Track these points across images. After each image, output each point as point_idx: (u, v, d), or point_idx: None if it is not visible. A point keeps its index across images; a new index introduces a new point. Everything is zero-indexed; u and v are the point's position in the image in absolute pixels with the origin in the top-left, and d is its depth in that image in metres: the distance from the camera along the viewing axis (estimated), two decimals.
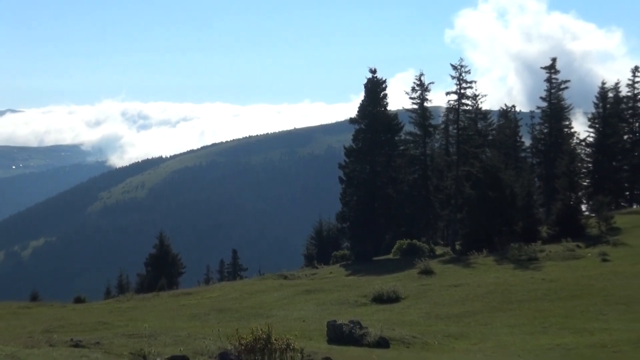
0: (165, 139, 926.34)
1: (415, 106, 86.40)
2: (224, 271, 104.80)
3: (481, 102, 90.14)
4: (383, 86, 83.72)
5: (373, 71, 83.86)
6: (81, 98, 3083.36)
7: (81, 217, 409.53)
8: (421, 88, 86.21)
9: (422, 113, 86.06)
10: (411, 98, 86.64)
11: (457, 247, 75.64)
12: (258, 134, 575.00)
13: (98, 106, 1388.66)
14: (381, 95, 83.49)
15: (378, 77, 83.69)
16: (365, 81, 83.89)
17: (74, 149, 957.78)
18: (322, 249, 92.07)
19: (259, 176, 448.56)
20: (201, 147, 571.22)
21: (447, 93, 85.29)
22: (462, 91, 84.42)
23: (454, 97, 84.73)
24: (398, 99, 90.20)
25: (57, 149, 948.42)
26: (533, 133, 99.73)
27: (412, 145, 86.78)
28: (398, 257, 72.90)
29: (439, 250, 78.78)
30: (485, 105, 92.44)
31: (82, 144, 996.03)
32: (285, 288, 56.47)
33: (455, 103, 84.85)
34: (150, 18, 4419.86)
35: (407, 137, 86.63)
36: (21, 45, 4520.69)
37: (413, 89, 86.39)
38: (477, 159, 77.61)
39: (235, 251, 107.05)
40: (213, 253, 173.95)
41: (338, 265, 76.94)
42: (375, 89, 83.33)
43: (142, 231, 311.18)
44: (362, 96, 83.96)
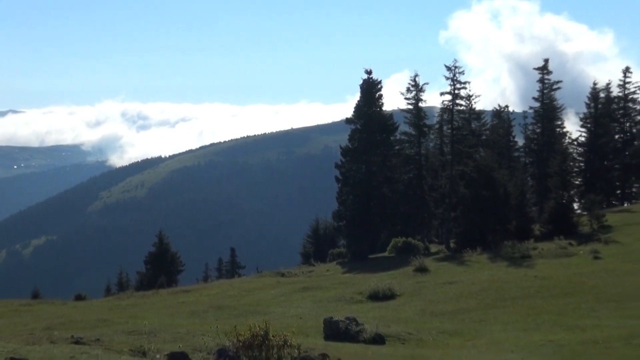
0: (164, 139, 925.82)
1: (410, 106, 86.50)
2: (222, 269, 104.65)
3: (475, 103, 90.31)
4: (378, 87, 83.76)
5: (368, 72, 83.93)
6: (81, 99, 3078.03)
7: (81, 216, 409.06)
8: (416, 89, 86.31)
9: (417, 113, 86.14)
10: (406, 98, 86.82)
11: (452, 245, 75.63)
12: (256, 134, 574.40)
13: (98, 107, 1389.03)
14: (376, 95, 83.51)
15: (373, 78, 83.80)
16: (361, 82, 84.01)
17: (75, 149, 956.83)
18: (319, 247, 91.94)
19: (257, 175, 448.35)
20: (200, 147, 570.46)
21: (442, 93, 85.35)
22: (456, 92, 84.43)
23: (448, 98, 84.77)
24: (393, 100, 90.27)
25: (58, 149, 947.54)
26: (526, 133, 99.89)
27: (407, 145, 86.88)
28: (393, 255, 72.89)
29: (434, 248, 78.81)
30: (479, 105, 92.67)
31: (83, 144, 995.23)
32: (282, 285, 56.46)
33: (449, 103, 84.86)
34: (149, 20, 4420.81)
35: (402, 137, 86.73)
36: (22, 46, 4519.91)
37: (408, 90, 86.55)
38: (471, 159, 77.62)
39: (233, 249, 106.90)
40: (211, 251, 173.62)
41: (334, 263, 76.89)
42: (370, 90, 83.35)
43: (142, 230, 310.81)
44: (358, 97, 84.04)
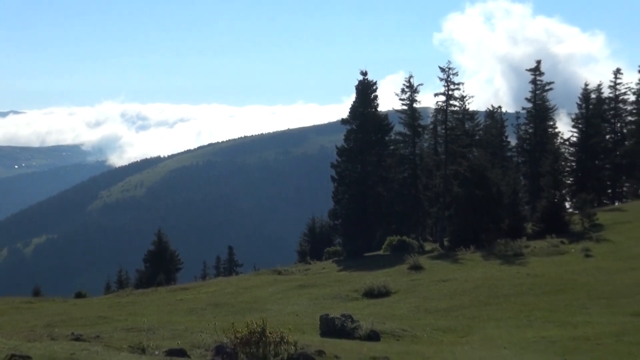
0: (163, 139, 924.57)
1: (404, 107, 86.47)
2: (220, 267, 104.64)
3: (468, 103, 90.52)
4: (373, 88, 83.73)
5: (364, 73, 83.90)
6: (81, 99, 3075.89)
7: (82, 215, 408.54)
8: (410, 90, 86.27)
9: (412, 114, 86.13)
10: (401, 99, 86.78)
11: (446, 244, 75.71)
12: (253, 134, 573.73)
13: (98, 107, 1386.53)
14: (372, 96, 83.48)
15: (369, 79, 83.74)
16: (356, 83, 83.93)
17: (75, 149, 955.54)
18: (315, 246, 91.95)
19: (254, 175, 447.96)
20: (198, 147, 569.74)
21: (436, 94, 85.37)
22: (450, 92, 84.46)
23: (442, 99, 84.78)
24: (388, 100, 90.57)
25: (58, 149, 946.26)
26: (518, 133, 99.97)
27: (402, 145, 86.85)
28: (388, 253, 72.87)
29: (428, 246, 78.81)
30: (472, 106, 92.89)
31: (83, 144, 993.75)
32: (279, 283, 56.46)
33: (443, 104, 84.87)
34: (149, 22, 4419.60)
35: (397, 137, 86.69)
36: (23, 48, 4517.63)
37: (403, 91, 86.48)
38: (465, 158, 77.69)
39: (231, 248, 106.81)
40: (209, 249, 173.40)
41: (330, 261, 76.91)
42: (366, 91, 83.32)
43: (141, 229, 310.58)
44: (354, 98, 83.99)
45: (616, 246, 56.20)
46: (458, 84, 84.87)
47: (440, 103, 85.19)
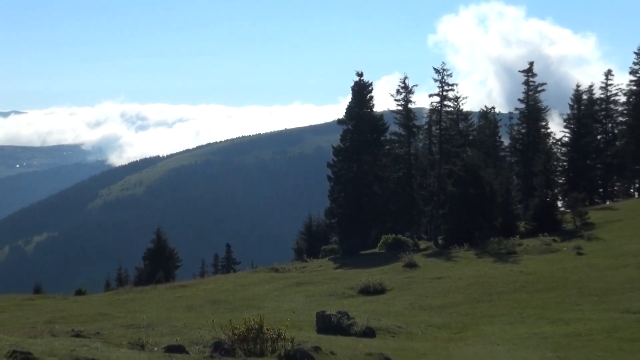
0: (162, 139, 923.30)
1: (399, 108, 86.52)
2: (218, 265, 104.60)
3: (462, 104, 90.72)
4: (369, 89, 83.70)
5: (360, 74, 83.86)
6: (82, 100, 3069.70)
7: (82, 214, 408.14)
8: (405, 90, 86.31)
9: (407, 114, 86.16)
10: (396, 100, 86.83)
11: (440, 242, 75.72)
12: (251, 134, 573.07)
13: (98, 108, 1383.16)
14: (367, 97, 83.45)
15: (364, 80, 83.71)
16: (352, 84, 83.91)
17: (75, 149, 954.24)
18: (312, 244, 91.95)
19: (252, 174, 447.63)
20: (196, 147, 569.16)
21: (430, 95, 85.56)
22: (445, 93, 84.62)
23: (437, 99, 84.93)
24: (383, 101, 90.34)
25: (59, 149, 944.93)
26: (511, 133, 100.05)
27: (397, 144, 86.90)
28: (384, 251, 72.82)
29: (423, 244, 78.83)
30: (466, 106, 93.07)
31: (83, 144, 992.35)
32: (276, 281, 56.39)
33: (437, 105, 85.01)
34: (148, 23, 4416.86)
35: (392, 137, 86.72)
36: (24, 49, 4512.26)
37: (398, 92, 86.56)
38: (459, 158, 77.77)
39: (229, 245, 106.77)
40: (208, 247, 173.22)
41: (327, 259, 76.86)
42: (361, 92, 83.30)
43: (140, 227, 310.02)
44: (350, 98, 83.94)
45: (607, 244, 56.22)
46: (452, 85, 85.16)
47: (434, 104, 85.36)
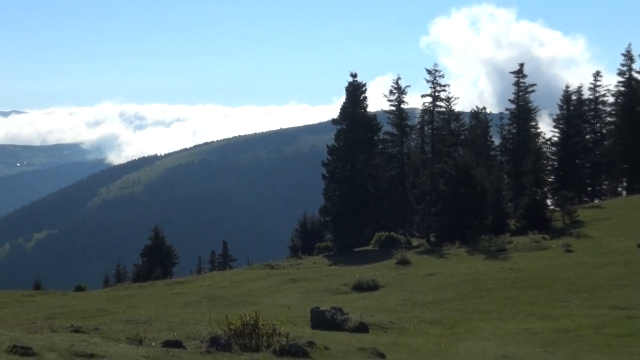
0: (160, 138, 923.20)
1: (393, 108, 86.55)
2: (215, 261, 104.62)
3: (454, 104, 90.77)
4: (363, 89, 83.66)
5: (354, 75, 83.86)
6: (81, 100, 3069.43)
7: (81, 212, 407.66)
8: (398, 91, 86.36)
9: (400, 114, 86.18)
10: (389, 100, 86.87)
11: (432, 239, 75.71)
12: (247, 134, 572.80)
13: (97, 107, 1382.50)
14: (361, 97, 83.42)
15: (358, 81, 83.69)
16: (346, 84, 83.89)
17: (75, 148, 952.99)
18: (306, 241, 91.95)
19: (248, 173, 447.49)
20: (194, 146, 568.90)
21: (423, 96, 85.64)
22: (437, 94, 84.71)
23: (429, 100, 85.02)
24: (377, 101, 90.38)
25: (59, 148, 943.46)
26: (502, 133, 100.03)
27: (390, 144, 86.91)
28: (377, 249, 72.84)
29: (415, 242, 78.81)
30: (458, 107, 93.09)
31: (82, 143, 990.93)
32: (271, 277, 56.36)
33: (430, 105, 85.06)
34: (147, 25, 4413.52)
35: (386, 137, 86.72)
36: (25, 50, 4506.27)
37: (391, 92, 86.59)
38: (451, 157, 77.78)
39: (225, 243, 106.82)
40: (204, 245, 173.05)
41: (321, 256, 76.82)
42: (355, 92, 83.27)
43: (139, 224, 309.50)
44: (344, 98, 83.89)
45: (595, 242, 56.25)
46: (444, 86, 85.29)
47: (427, 104, 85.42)
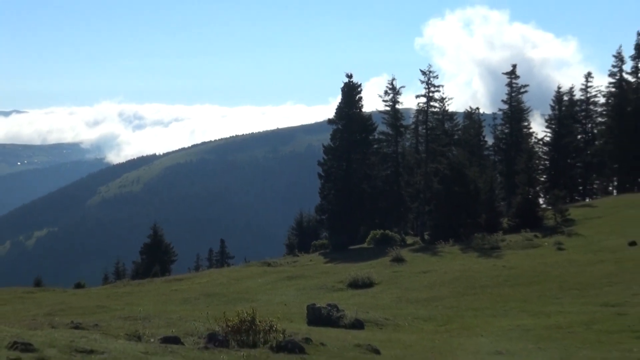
0: (158, 138, 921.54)
1: (387, 108, 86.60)
2: (213, 259, 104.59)
3: (448, 105, 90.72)
4: (358, 90, 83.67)
5: (349, 76, 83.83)
6: (81, 100, 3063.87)
7: (81, 210, 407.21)
8: (393, 92, 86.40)
9: (394, 114, 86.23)
10: (384, 101, 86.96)
11: (426, 237, 75.82)
12: (244, 133, 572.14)
13: (97, 107, 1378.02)
14: (357, 98, 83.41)
15: (354, 82, 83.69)
16: (342, 85, 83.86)
17: (74, 147, 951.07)
18: (303, 239, 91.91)
19: (245, 172, 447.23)
20: (192, 146, 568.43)
21: (417, 96, 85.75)
22: (431, 94, 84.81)
23: (423, 100, 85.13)
24: (372, 102, 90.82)
25: (59, 147, 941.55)
26: (495, 133, 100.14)
27: (385, 144, 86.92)
28: (372, 246, 72.90)
29: (409, 240, 78.91)
30: (451, 107, 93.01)
31: (82, 143, 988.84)
32: (268, 275, 56.37)
33: (424, 105, 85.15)
34: (146, 26, 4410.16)
35: (381, 137, 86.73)
36: (25, 51, 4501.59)
37: (386, 93, 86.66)
38: (444, 157, 77.80)
39: (223, 241, 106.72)
40: (202, 242, 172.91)
41: (317, 253, 76.83)
42: (351, 92, 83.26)
43: (137, 223, 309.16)
44: (340, 99, 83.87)
45: (587, 240, 56.36)
46: (438, 87, 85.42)
47: (421, 104, 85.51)
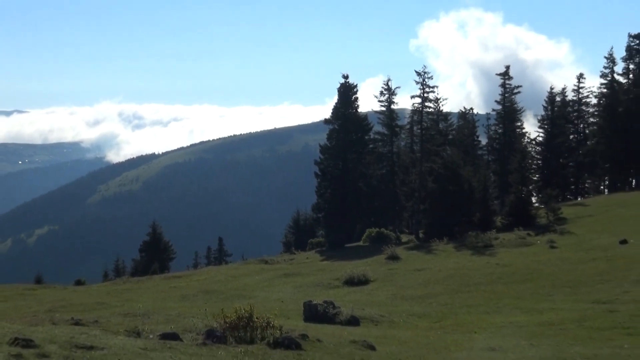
0: (157, 137, 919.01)
1: (383, 108, 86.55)
2: (211, 257, 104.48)
3: (442, 105, 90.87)
4: (354, 90, 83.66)
5: (345, 77, 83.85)
6: (81, 100, 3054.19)
7: (81, 208, 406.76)
8: (388, 92, 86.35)
9: (390, 114, 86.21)
10: (380, 101, 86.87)
11: (421, 235, 75.78)
12: (242, 133, 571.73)
13: (97, 107, 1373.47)
14: (353, 98, 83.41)
15: (350, 82, 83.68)
16: (338, 86, 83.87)
17: (75, 146, 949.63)
18: (300, 237, 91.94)
19: (243, 171, 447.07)
20: (190, 145, 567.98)
21: (412, 97, 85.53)
22: (426, 95, 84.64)
23: (418, 101, 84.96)
24: (368, 102, 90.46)
25: (60, 146, 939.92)
26: (489, 133, 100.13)
27: (381, 143, 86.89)
28: (367, 244, 72.88)
29: (404, 238, 78.86)
30: (446, 107, 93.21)
31: (82, 142, 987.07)
32: (266, 272, 56.37)
33: (419, 106, 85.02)
34: (145, 27, 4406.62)
35: (376, 137, 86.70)
36: (26, 51, 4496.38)
37: (381, 93, 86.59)
38: (439, 156, 77.80)
39: (221, 239, 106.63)
40: (201, 240, 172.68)
41: (314, 251, 76.88)
42: (347, 93, 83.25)
43: (137, 221, 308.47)
44: (336, 99, 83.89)
45: (579, 238, 56.39)
46: (433, 87, 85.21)
47: (416, 105, 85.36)
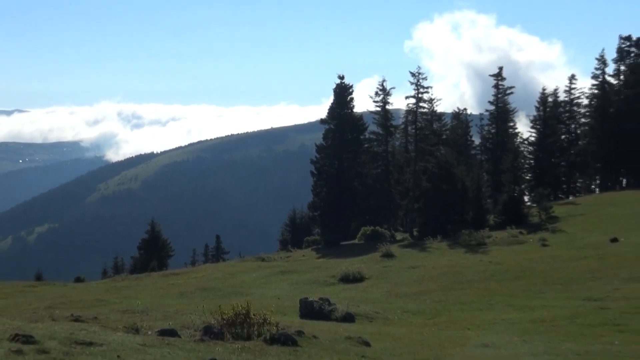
0: (156, 137, 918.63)
1: (378, 109, 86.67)
2: (209, 254, 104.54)
3: (436, 106, 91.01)
4: (350, 91, 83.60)
5: (341, 77, 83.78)
6: (81, 99, 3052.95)
7: (81, 206, 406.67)
8: (383, 93, 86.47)
9: (385, 115, 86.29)
10: (375, 101, 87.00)
11: (415, 234, 75.78)
12: (239, 133, 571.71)
13: (96, 107, 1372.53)
14: (348, 98, 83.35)
15: (346, 83, 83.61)
16: (334, 86, 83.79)
17: (75, 145, 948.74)
18: (296, 235, 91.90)
19: (240, 170, 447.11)
20: (188, 144, 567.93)
21: (407, 97, 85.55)
22: (420, 95, 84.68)
23: (413, 101, 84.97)
24: (363, 102, 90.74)
25: (59, 145, 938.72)
26: (482, 133, 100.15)
27: (376, 143, 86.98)
28: (363, 242, 72.87)
29: (399, 236, 78.88)
30: (440, 108, 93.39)
31: (82, 141, 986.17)
32: (262, 269, 56.29)
33: (413, 106, 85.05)
34: (144, 27, 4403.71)
35: (371, 136, 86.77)
36: (27, 51, 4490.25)
37: (376, 94, 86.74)
38: (433, 156, 77.83)
39: (218, 237, 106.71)
40: (198, 238, 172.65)
41: (310, 249, 76.83)
42: (343, 93, 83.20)
43: (136, 219, 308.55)
44: (332, 99, 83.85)
45: (570, 236, 56.43)
46: (427, 88, 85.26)
47: (410, 105, 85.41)
